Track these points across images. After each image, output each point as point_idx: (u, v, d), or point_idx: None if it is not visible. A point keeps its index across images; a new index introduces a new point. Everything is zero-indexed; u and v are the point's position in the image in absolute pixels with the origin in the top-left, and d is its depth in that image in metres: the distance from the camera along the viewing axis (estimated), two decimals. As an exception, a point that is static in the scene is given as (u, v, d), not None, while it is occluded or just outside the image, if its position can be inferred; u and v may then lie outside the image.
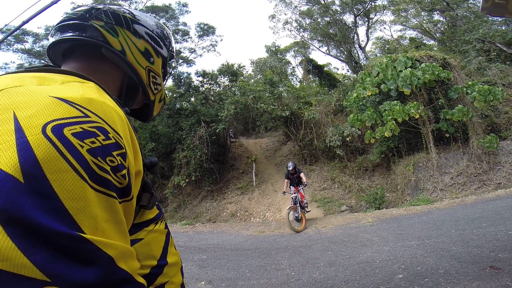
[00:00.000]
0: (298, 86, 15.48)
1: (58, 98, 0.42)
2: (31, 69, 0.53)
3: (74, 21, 0.65)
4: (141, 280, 0.45)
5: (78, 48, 0.67)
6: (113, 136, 0.43)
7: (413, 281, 3.09)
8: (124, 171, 0.44)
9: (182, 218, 11.01)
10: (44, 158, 0.35)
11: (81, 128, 0.40)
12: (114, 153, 0.43)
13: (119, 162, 0.43)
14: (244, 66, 17.99)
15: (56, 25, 0.67)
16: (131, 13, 0.72)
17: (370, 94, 9.36)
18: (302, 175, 7.79)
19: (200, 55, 20.53)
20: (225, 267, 4.55)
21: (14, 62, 16.96)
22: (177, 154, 12.02)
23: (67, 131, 0.38)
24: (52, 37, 0.67)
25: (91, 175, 0.39)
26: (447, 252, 3.75)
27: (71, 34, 0.65)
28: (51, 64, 0.70)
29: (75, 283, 0.34)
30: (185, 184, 11.57)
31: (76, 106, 0.42)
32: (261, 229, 7.36)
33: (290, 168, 7.71)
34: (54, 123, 0.38)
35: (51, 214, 0.34)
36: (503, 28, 15.32)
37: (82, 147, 0.39)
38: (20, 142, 0.35)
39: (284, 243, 5.65)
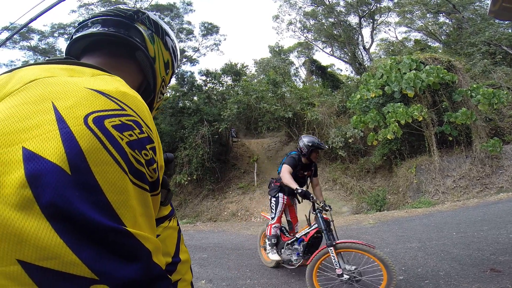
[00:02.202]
0: (301, 87, 15.46)
1: (94, 90, 0.41)
2: (54, 61, 0.53)
3: (121, 19, 0.67)
4: (169, 276, 0.45)
5: (107, 44, 0.67)
6: (145, 130, 0.43)
7: (413, 283, 3.09)
8: (155, 165, 0.44)
9: (183, 217, 11.05)
10: (89, 149, 0.35)
11: (120, 120, 0.40)
12: (147, 147, 0.43)
13: (151, 156, 0.43)
14: (247, 66, 18.04)
15: (97, 16, 0.67)
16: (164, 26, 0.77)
17: (373, 95, 9.33)
18: (317, 180, 4.00)
19: (204, 54, 20.56)
20: (225, 266, 4.56)
21: (19, 60, 17.09)
22: (179, 153, 12.06)
23: (107, 123, 0.38)
24: (87, 28, 0.66)
25: (130, 168, 0.38)
26: (448, 255, 3.74)
27: (116, 29, 0.66)
28: (71, 57, 0.69)
29: (121, 280, 0.33)
30: (186, 182, 11.61)
31: (112, 99, 0.42)
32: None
33: (310, 147, 3.60)
34: (95, 114, 0.38)
35: (97, 208, 0.33)
36: (510, 31, 15.21)
37: (122, 139, 0.38)
38: (63, 132, 0.34)
39: (284, 243, 5.64)
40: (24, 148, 0.32)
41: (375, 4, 19.79)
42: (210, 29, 18.40)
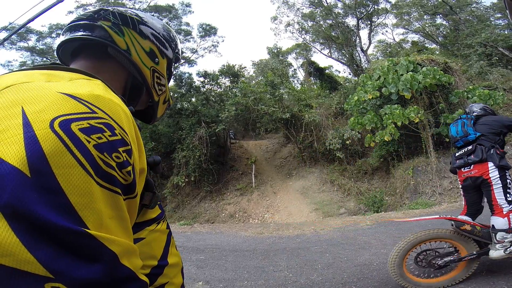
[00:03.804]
0: (299, 89, 15.50)
1: (66, 94, 0.42)
2: (39, 67, 0.54)
3: (84, 21, 0.68)
4: (144, 278, 0.45)
5: (86, 47, 0.69)
6: (119, 133, 0.43)
7: (409, 284, 3.09)
8: (129, 168, 0.44)
9: (180, 218, 11.02)
10: (51, 152, 0.35)
11: (88, 123, 0.40)
12: (120, 149, 0.43)
13: (125, 159, 0.43)
14: (245, 67, 18.08)
15: (67, 25, 0.70)
16: (138, 15, 0.74)
17: (371, 97, 9.37)
18: None
19: (202, 55, 20.55)
20: (223, 267, 4.55)
21: (16, 60, 17.05)
22: (176, 154, 12.04)
23: (74, 126, 0.38)
24: (63, 36, 0.69)
25: (97, 170, 0.39)
26: (445, 256, 3.75)
27: (80, 33, 0.67)
28: (59, 62, 0.71)
29: (78, 280, 0.34)
30: (184, 184, 11.58)
31: (83, 102, 0.42)
32: (259, 230, 7.36)
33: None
34: (62, 118, 0.38)
35: (56, 209, 0.34)
36: (506, 32, 15.33)
37: (89, 142, 0.39)
38: (27, 136, 0.35)
39: (282, 245, 5.65)
40: None
41: (373, 6, 19.90)
42: (208, 31, 18.41)
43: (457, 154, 3.04)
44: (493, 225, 2.75)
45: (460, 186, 3.11)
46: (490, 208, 2.83)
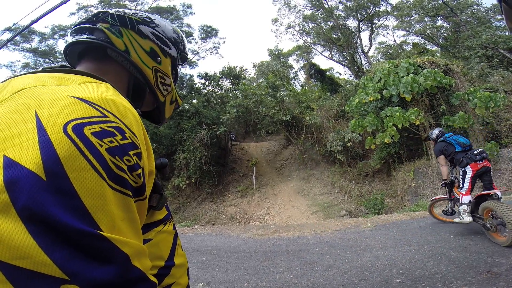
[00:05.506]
0: (300, 91, 15.50)
1: (77, 98, 0.43)
2: (48, 70, 0.55)
3: (85, 25, 0.69)
4: (153, 279, 0.45)
5: (90, 50, 0.70)
6: (129, 136, 0.44)
7: (410, 286, 3.09)
8: (139, 171, 0.44)
9: (181, 220, 11.02)
10: (66, 156, 0.36)
11: (100, 127, 0.40)
12: (131, 153, 0.43)
13: (135, 162, 0.43)
14: (246, 69, 18.07)
15: (72, 28, 0.71)
16: (148, 16, 0.75)
17: (372, 99, 9.37)
18: None
19: (203, 57, 20.56)
20: (223, 269, 4.55)
21: (19, 61, 17.11)
22: (177, 156, 12.05)
23: (87, 130, 0.39)
24: (68, 39, 0.71)
25: (109, 173, 0.39)
26: (445, 258, 3.75)
27: (83, 36, 0.68)
28: (67, 65, 0.72)
29: (92, 281, 0.34)
30: (185, 185, 11.58)
31: (94, 106, 0.43)
32: (260, 232, 7.35)
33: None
34: (75, 122, 0.39)
35: (71, 212, 0.34)
36: (507, 34, 15.33)
37: (101, 146, 0.39)
38: (42, 140, 0.36)
39: (283, 247, 5.64)
40: (5, 156, 0.34)
41: (374, 8, 19.93)
42: (209, 32, 18.46)
43: (475, 152, 4.29)
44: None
45: (472, 175, 4.25)
46: (489, 186, 4.27)
